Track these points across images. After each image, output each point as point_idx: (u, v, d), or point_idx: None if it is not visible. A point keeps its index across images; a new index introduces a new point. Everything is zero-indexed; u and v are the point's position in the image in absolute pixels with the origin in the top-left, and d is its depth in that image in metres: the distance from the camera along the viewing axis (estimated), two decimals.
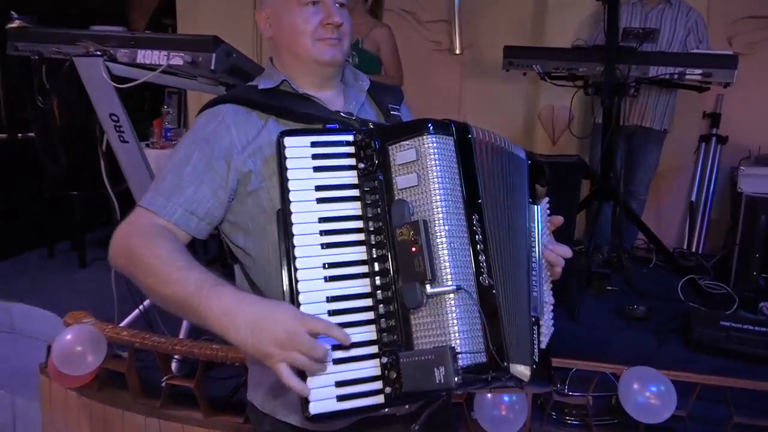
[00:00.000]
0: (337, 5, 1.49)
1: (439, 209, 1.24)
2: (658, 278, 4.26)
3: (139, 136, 4.61)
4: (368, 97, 1.62)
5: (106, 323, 3.03)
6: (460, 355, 1.17)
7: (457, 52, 5.71)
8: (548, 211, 1.53)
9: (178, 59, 2.84)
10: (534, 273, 1.43)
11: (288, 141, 1.31)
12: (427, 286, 1.20)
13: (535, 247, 1.46)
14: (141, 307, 3.32)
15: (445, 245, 1.23)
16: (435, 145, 1.27)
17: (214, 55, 2.78)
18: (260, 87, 1.51)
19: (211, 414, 2.82)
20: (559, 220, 1.54)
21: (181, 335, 3.21)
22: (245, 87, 1.56)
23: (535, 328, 1.38)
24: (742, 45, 4.50)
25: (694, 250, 4.85)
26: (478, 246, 1.27)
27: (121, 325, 3.26)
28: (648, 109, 4.09)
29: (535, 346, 1.36)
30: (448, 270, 1.22)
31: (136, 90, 3.03)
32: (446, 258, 1.22)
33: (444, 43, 5.79)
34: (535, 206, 1.49)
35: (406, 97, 1.72)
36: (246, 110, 1.44)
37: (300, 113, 1.45)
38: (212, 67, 2.78)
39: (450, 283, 1.21)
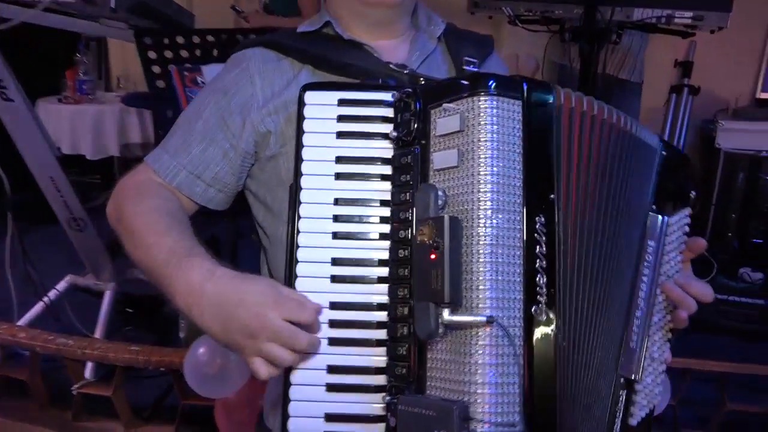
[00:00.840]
0: None
1: (483, 203, 0.86)
2: None
3: (50, 89, 4.21)
4: (442, 46, 1.26)
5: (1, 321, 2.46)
6: (476, 422, 0.81)
7: None
8: (686, 229, 1.07)
9: None
10: (638, 314, 0.99)
11: (310, 96, 1.02)
12: (445, 312, 0.84)
13: (647, 276, 1.01)
14: (45, 298, 2.82)
15: (482, 255, 0.85)
16: (491, 110, 0.89)
17: None
18: (299, 30, 1.23)
19: (135, 425, 2.40)
20: (700, 244, 1.08)
21: (97, 333, 2.82)
22: (283, 31, 1.30)
23: (622, 393, 0.96)
24: None
25: None
26: (538, 261, 0.88)
27: (20, 323, 2.72)
28: (628, 58, 3.50)
29: (617, 421, 0.94)
30: (481, 291, 0.85)
31: (44, 36, 2.63)
32: (482, 274, 0.85)
33: None
34: (660, 217, 1.03)
35: None
36: (277, 57, 1.17)
37: (337, 62, 1.14)
38: (112, 4, 2.28)
39: (481, 311, 0.84)
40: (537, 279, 0.87)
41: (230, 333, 0.89)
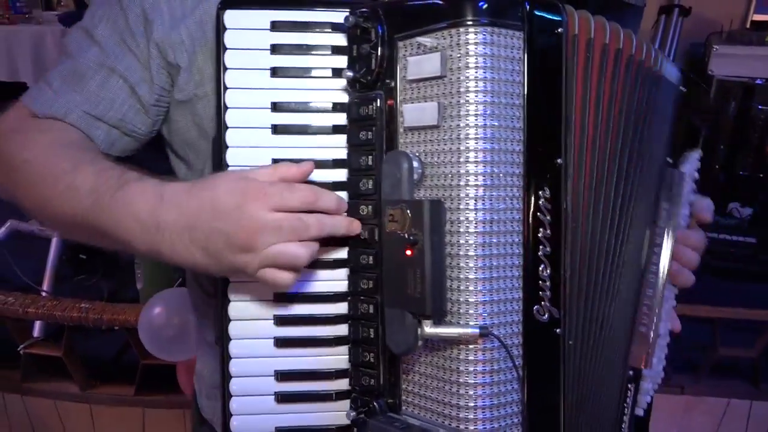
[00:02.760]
0: None
1: (473, 177, 0.65)
2: None
3: None
4: None
5: None
6: None
7: None
8: (695, 176, 0.89)
9: None
10: (649, 292, 0.82)
11: (231, 18, 0.74)
12: (426, 324, 0.65)
13: (660, 246, 0.83)
14: None
15: (472, 248, 0.65)
16: (482, 48, 0.64)
17: None
18: None
19: (91, 385, 2.17)
20: (706, 206, 0.90)
21: (45, 285, 2.55)
22: None
23: (630, 387, 0.81)
24: None
25: None
26: (541, 248, 0.69)
27: None
28: None
29: (625, 418, 0.80)
30: (472, 295, 0.66)
31: None
32: (472, 272, 0.65)
33: None
34: (677, 172, 0.84)
35: None
36: None
37: None
38: None
39: (471, 319, 0.65)
40: (539, 270, 0.69)
41: (217, 257, 0.67)
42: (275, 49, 0.74)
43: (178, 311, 1.79)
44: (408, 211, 0.64)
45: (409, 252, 0.64)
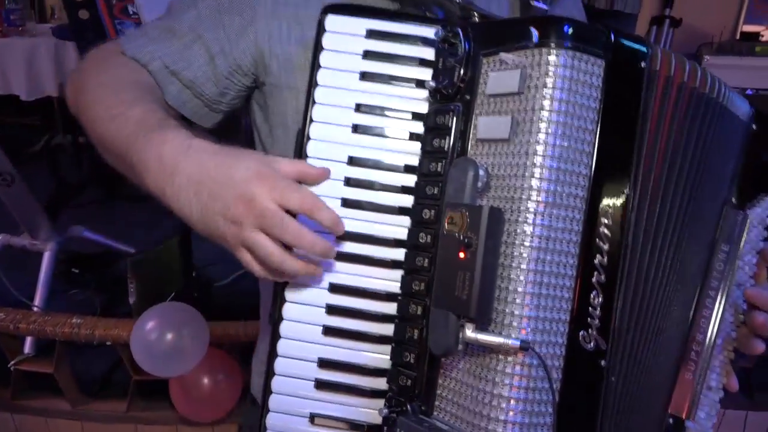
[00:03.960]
0: None
1: (535, 192, 0.66)
2: None
3: None
4: None
5: None
6: None
7: None
8: (766, 225, 0.85)
9: None
10: (700, 337, 0.79)
11: (332, 22, 0.80)
12: (468, 327, 0.66)
13: (715, 290, 0.80)
14: None
15: (525, 261, 0.66)
16: (562, 70, 0.66)
17: None
18: None
19: (82, 402, 2.11)
20: None
21: (37, 300, 2.49)
22: None
23: None
24: None
25: None
26: (596, 275, 0.68)
27: None
28: None
29: None
30: (518, 307, 0.66)
31: None
32: (521, 285, 0.66)
33: None
34: (740, 214, 0.82)
35: None
36: None
37: None
38: None
39: (514, 331, 0.66)
40: (591, 297, 0.68)
41: (209, 217, 0.71)
42: (367, 54, 0.79)
43: (172, 326, 1.76)
44: (467, 214, 0.66)
45: (462, 254, 0.66)
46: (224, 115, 0.99)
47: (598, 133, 0.68)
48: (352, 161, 0.78)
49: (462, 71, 0.73)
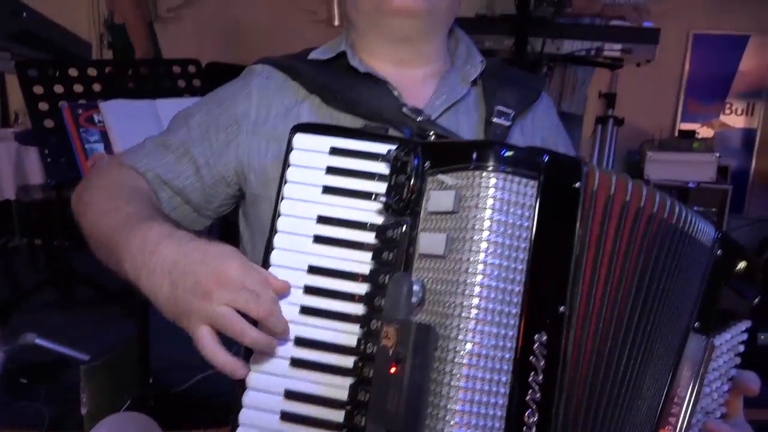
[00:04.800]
0: None
1: (467, 309, 0.68)
2: None
3: None
4: (478, 89, 1.06)
5: None
6: None
7: (336, 23, 4.74)
8: (739, 349, 0.83)
9: None
10: None
11: (300, 140, 0.86)
12: None
13: (675, 417, 0.78)
14: None
15: (457, 379, 0.67)
16: (494, 191, 0.70)
17: None
18: (310, 56, 1.07)
19: None
20: (751, 388, 0.83)
21: None
22: (299, 52, 1.12)
23: None
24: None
25: None
26: (530, 393, 0.69)
27: None
28: (567, 92, 3.42)
29: None
30: (449, 426, 0.66)
31: None
32: (453, 403, 0.67)
33: (320, 13, 4.97)
34: (704, 339, 0.80)
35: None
36: (284, 78, 1.03)
37: (346, 98, 0.98)
38: None
39: None
40: (525, 416, 0.68)
41: (179, 292, 0.74)
42: (330, 170, 0.84)
43: None
44: (399, 329, 0.68)
45: (393, 369, 0.68)
46: (212, 220, 1.07)
47: (530, 251, 0.70)
48: (312, 270, 0.82)
49: (410, 189, 0.77)
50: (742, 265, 0.84)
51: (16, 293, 3.76)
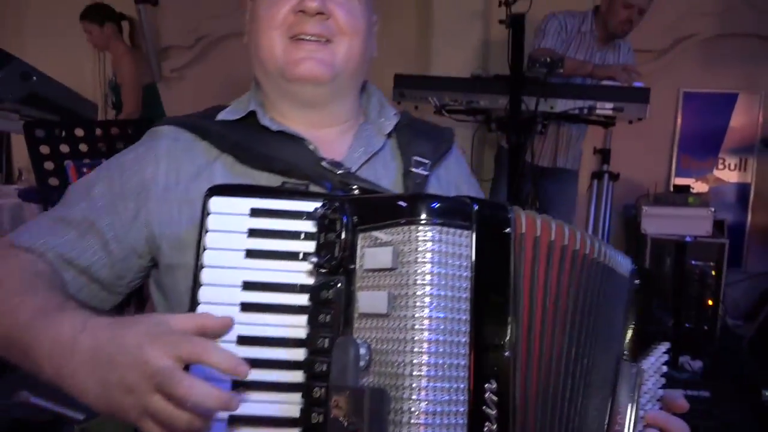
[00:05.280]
0: None
1: (417, 367, 0.66)
2: None
3: None
4: (393, 141, 1.06)
5: None
6: None
7: None
8: (663, 370, 0.87)
9: None
10: None
11: (217, 204, 0.81)
12: None
13: None
14: None
15: None
16: (432, 245, 0.69)
17: None
18: (218, 118, 1.02)
19: None
20: (680, 405, 0.87)
21: None
22: (205, 111, 1.07)
23: None
24: None
25: None
26: None
27: None
28: (561, 148, 3.59)
29: None
30: None
31: None
32: None
33: None
34: (636, 365, 0.84)
35: None
36: (193, 138, 0.97)
37: (261, 154, 0.93)
38: None
39: None
40: None
41: (108, 392, 0.67)
42: (252, 233, 0.80)
43: None
44: (351, 397, 0.65)
45: None
46: (124, 296, 0.97)
47: (472, 300, 0.69)
48: (241, 340, 0.76)
49: (341, 247, 0.74)
50: (655, 292, 0.87)
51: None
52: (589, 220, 4.18)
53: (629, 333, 0.86)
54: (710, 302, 3.49)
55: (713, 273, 3.51)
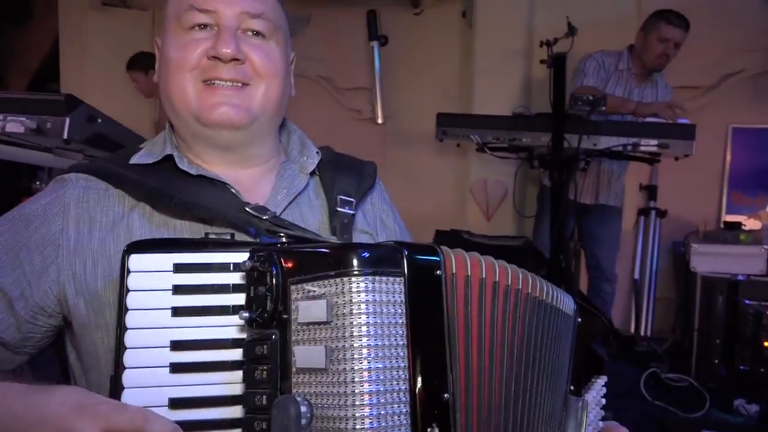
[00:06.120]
0: (245, 31, 0.93)
1: (360, 421, 0.65)
2: (614, 368, 3.48)
3: None
4: (316, 179, 1.04)
5: None
6: None
7: (379, 121, 5.08)
8: (602, 402, 0.93)
9: (16, 125, 2.02)
10: None
11: (137, 261, 0.77)
12: None
13: None
14: None
15: None
16: (365, 295, 0.68)
17: (67, 119, 1.98)
18: (132, 161, 0.96)
19: None
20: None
21: None
22: (117, 154, 1.02)
23: None
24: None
25: (642, 332, 4.30)
26: None
27: None
28: (603, 184, 3.60)
29: None
30: None
31: (3, 163, 2.39)
32: None
33: (365, 112, 5.15)
34: (580, 400, 0.88)
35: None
36: (105, 187, 0.92)
37: (180, 202, 0.89)
38: (65, 136, 2.00)
39: None
40: None
41: None
42: (177, 289, 0.76)
43: None
44: None
45: None
46: (31, 356, 0.92)
47: (409, 346, 0.69)
48: (174, 404, 0.73)
49: (273, 299, 0.72)
50: (597, 328, 0.94)
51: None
52: (636, 257, 4.20)
53: (575, 368, 0.89)
54: (766, 344, 3.28)
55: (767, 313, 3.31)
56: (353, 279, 0.67)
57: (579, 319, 0.91)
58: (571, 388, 0.88)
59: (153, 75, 3.44)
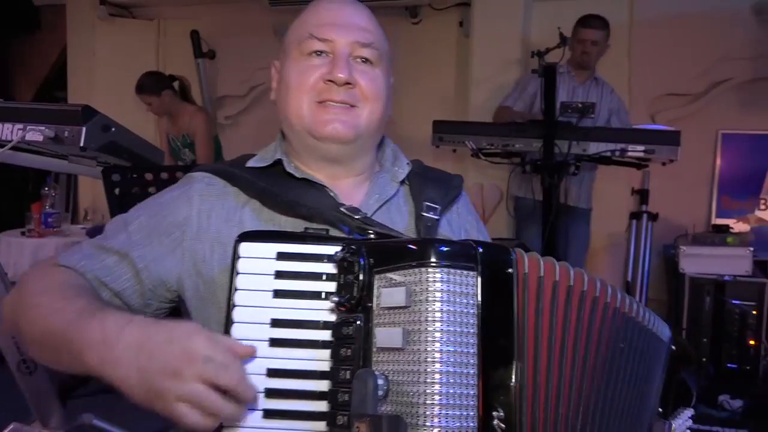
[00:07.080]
0: (355, 58, 1.05)
1: (430, 396, 0.73)
2: None
3: (18, 222, 3.92)
4: (405, 187, 1.15)
5: None
6: None
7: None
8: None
9: (36, 134, 2.15)
10: None
11: (246, 249, 0.90)
12: None
13: None
14: None
15: None
16: (441, 285, 0.76)
17: (84, 128, 2.11)
18: (248, 164, 1.11)
19: None
20: None
21: None
22: (235, 159, 1.17)
23: None
24: (665, 121, 4.25)
25: None
26: None
27: None
28: (572, 187, 3.67)
29: None
30: None
31: (12, 169, 2.50)
32: None
33: None
34: (668, 423, 0.90)
35: None
36: (223, 184, 1.07)
37: (285, 200, 1.03)
38: (82, 143, 2.13)
39: None
40: None
41: (149, 376, 0.76)
42: (279, 274, 0.88)
43: None
44: (370, 424, 0.72)
45: None
46: None
47: (479, 334, 0.76)
48: (272, 373, 0.84)
49: (359, 287, 0.82)
50: (689, 361, 0.98)
51: (75, 376, 3.81)
52: (629, 260, 4.23)
53: (665, 393, 0.93)
54: (752, 342, 3.48)
55: (754, 312, 3.49)
56: (430, 270, 0.75)
57: (673, 347, 0.96)
58: (660, 410, 0.92)
59: (166, 97, 3.59)
